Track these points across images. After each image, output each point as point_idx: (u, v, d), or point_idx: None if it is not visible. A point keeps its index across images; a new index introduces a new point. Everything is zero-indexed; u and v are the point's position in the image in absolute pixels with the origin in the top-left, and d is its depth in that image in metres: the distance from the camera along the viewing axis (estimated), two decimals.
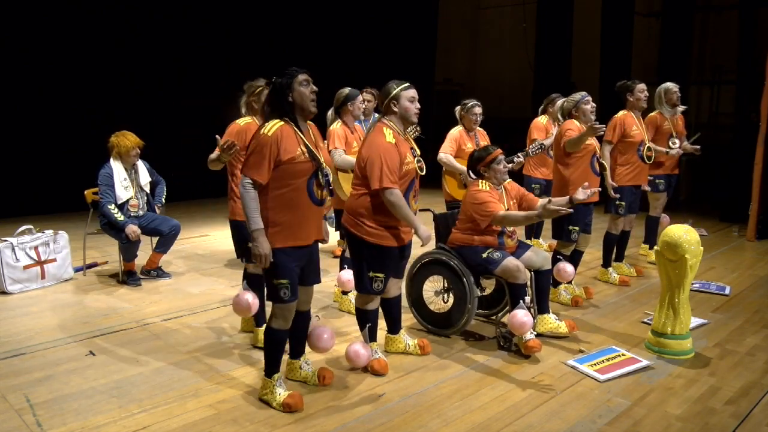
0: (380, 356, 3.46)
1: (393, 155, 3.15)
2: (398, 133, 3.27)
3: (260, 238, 2.74)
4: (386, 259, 3.30)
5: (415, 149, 3.38)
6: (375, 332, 3.50)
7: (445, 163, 4.92)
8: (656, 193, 5.62)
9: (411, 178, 3.29)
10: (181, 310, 4.48)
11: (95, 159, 5.13)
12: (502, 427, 2.85)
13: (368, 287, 3.31)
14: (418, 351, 3.64)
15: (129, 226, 4.85)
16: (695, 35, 10.73)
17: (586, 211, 4.50)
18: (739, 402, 3.13)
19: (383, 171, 3.10)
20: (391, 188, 3.12)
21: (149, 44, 8.67)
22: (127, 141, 4.99)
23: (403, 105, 3.25)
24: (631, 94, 4.99)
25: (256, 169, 2.74)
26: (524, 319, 3.52)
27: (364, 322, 3.45)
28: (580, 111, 4.44)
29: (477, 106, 4.92)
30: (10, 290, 4.80)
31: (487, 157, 3.83)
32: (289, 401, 2.94)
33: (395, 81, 3.30)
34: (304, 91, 2.82)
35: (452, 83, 13.46)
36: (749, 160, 7.15)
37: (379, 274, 3.29)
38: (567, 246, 4.58)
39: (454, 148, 4.89)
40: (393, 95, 3.25)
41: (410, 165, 3.26)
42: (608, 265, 5.27)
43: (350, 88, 4.44)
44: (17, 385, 3.23)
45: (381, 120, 3.32)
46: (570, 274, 4.42)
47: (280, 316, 2.94)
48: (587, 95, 4.52)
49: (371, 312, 3.44)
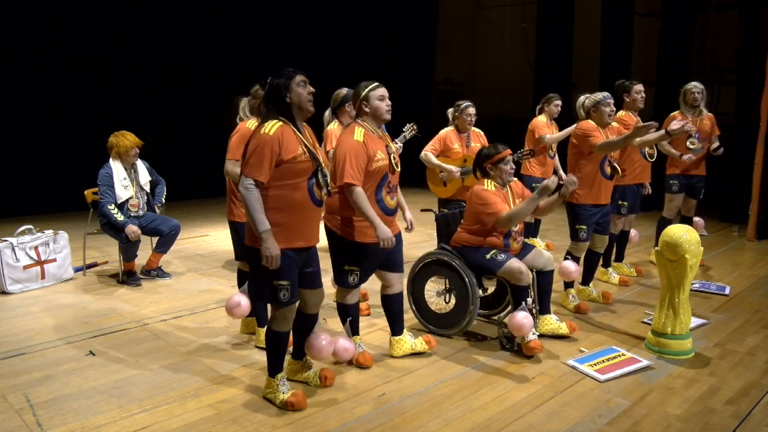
0: (364, 349, 3.53)
1: (359, 153, 3.18)
2: (371, 132, 3.30)
3: (269, 240, 2.72)
4: (360, 253, 3.33)
5: (390, 146, 3.38)
6: (357, 326, 3.57)
7: (424, 161, 4.90)
8: (670, 194, 5.54)
9: (383, 174, 3.30)
10: (181, 310, 4.48)
11: (95, 159, 5.13)
12: (502, 427, 2.85)
13: (344, 281, 3.39)
14: (425, 347, 3.64)
15: (129, 226, 4.85)
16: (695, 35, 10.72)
17: (596, 211, 4.42)
18: (739, 402, 3.13)
19: (346, 168, 3.15)
20: (353, 185, 3.15)
21: (149, 44, 8.68)
22: (126, 141, 4.99)
23: (373, 104, 3.28)
24: (627, 95, 4.95)
25: (257, 169, 2.73)
26: (523, 321, 3.52)
27: (345, 315, 3.52)
28: (599, 111, 4.33)
29: (470, 107, 4.90)
30: (10, 290, 4.80)
31: (495, 156, 3.80)
32: (292, 400, 2.94)
33: (364, 82, 3.32)
34: (302, 92, 2.83)
35: (452, 83, 13.46)
36: (749, 160, 7.15)
37: (354, 268, 3.36)
38: (579, 246, 4.51)
39: (437, 147, 4.87)
40: (362, 96, 3.29)
41: (381, 162, 3.27)
42: (608, 265, 5.25)
43: (347, 88, 4.44)
44: (17, 385, 3.23)
45: (355, 120, 3.37)
46: (573, 273, 4.39)
47: (281, 318, 2.94)
48: (609, 97, 4.37)
49: (351, 306, 3.51)
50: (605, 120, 4.35)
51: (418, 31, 12.25)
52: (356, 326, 3.57)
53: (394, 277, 3.53)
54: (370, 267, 3.43)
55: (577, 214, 4.42)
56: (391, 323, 3.65)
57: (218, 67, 9.10)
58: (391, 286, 3.55)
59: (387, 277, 3.53)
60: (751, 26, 9.41)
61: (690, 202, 5.67)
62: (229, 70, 8.85)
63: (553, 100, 6.00)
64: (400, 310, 3.63)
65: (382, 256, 3.38)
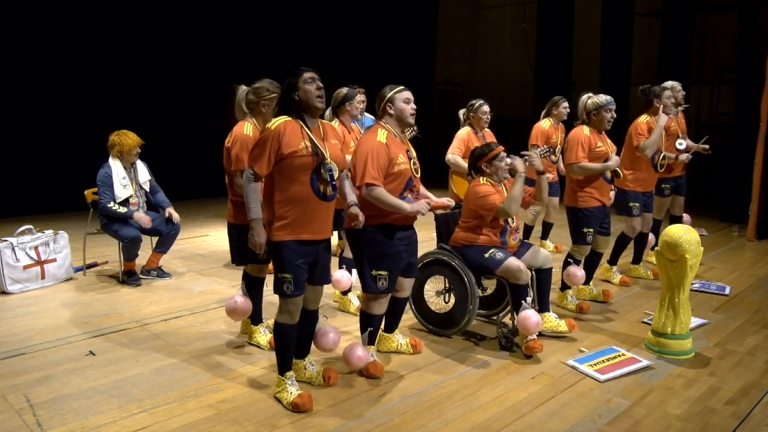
0: (376, 359, 3.45)
1: (381, 154, 3.17)
2: (393, 135, 3.29)
3: (257, 228, 2.84)
4: (386, 254, 3.28)
5: (411, 151, 3.38)
6: (375, 337, 3.50)
7: (452, 164, 4.92)
8: (662, 197, 5.53)
9: (406, 179, 3.29)
10: (181, 310, 4.48)
11: (95, 159, 5.12)
12: (502, 427, 2.85)
13: (372, 286, 3.29)
14: (410, 350, 3.64)
15: (136, 214, 4.86)
16: (695, 35, 10.73)
17: (599, 214, 4.43)
18: (739, 402, 3.13)
19: (366, 168, 3.14)
20: (373, 185, 3.14)
21: (149, 44, 8.67)
22: (128, 140, 4.99)
23: (399, 107, 3.27)
24: (658, 100, 4.88)
25: (257, 161, 2.83)
26: (535, 319, 3.54)
27: (367, 325, 3.43)
28: (600, 116, 4.31)
29: (484, 104, 4.91)
30: (10, 290, 4.80)
31: (489, 154, 3.84)
32: (298, 401, 2.94)
33: (390, 85, 3.33)
34: (310, 89, 2.88)
35: (452, 83, 13.47)
36: (749, 160, 7.15)
37: (383, 272, 3.28)
38: (581, 249, 4.51)
39: (462, 148, 4.89)
40: (388, 98, 3.29)
41: (403, 165, 3.26)
42: (614, 263, 5.22)
43: (348, 88, 4.44)
44: (17, 385, 3.23)
45: (378, 122, 3.36)
46: (580, 279, 4.40)
47: (285, 311, 2.96)
48: (612, 102, 4.34)
49: (376, 317, 3.41)
50: (604, 125, 4.35)
51: (418, 31, 12.25)
52: (374, 338, 3.49)
53: (407, 282, 3.53)
54: (396, 269, 3.34)
55: (583, 218, 4.41)
56: (386, 320, 3.64)
57: (218, 67, 9.10)
58: (403, 290, 3.54)
59: (401, 282, 3.48)
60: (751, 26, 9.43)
61: (679, 200, 5.69)
62: (229, 70, 8.83)
63: (561, 104, 5.86)
64: (401, 312, 3.65)
65: (406, 256, 3.36)
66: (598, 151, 4.33)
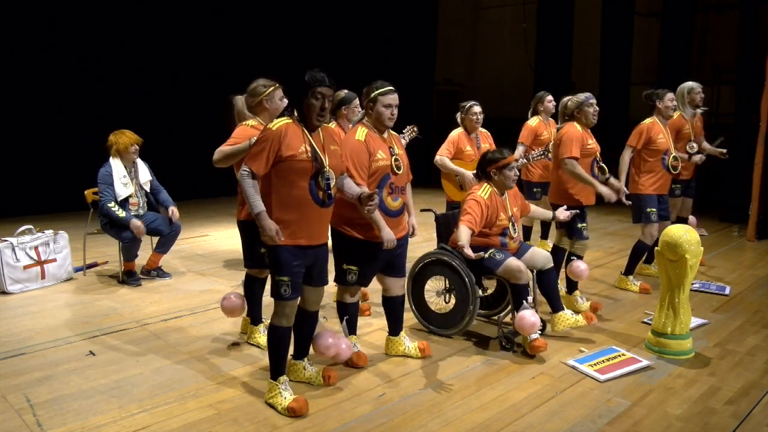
0: (359, 349, 3.52)
1: (360, 152, 3.21)
2: (373, 131, 3.31)
3: (264, 221, 2.79)
4: (360, 251, 3.33)
5: (393, 148, 3.37)
6: (354, 325, 3.56)
7: (440, 165, 4.89)
8: (671, 198, 5.44)
9: (383, 174, 3.30)
10: (181, 310, 4.48)
11: (95, 159, 5.13)
12: (502, 427, 2.85)
13: (343, 279, 3.40)
14: (419, 354, 3.63)
15: (133, 221, 4.85)
16: (695, 35, 10.73)
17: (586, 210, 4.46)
18: (739, 402, 3.13)
19: (349, 169, 3.18)
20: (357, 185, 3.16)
21: (149, 44, 8.68)
22: (125, 138, 5.00)
23: (378, 110, 3.28)
24: (660, 102, 4.87)
25: (255, 160, 2.80)
26: (533, 320, 3.53)
27: (342, 314, 3.52)
28: (583, 113, 4.38)
29: (475, 105, 4.87)
30: (10, 290, 4.80)
31: (501, 161, 3.79)
32: (294, 405, 2.92)
33: (380, 82, 3.31)
34: (315, 104, 2.84)
35: (452, 83, 13.47)
36: (749, 160, 7.15)
37: (353, 267, 3.36)
38: (584, 245, 4.49)
39: (450, 150, 4.87)
40: (372, 97, 3.29)
41: (382, 162, 3.27)
42: (630, 273, 5.09)
43: (347, 91, 4.41)
44: (17, 385, 3.23)
45: (361, 120, 3.39)
46: (584, 272, 4.38)
47: (281, 314, 2.95)
48: (592, 97, 4.44)
49: (349, 305, 3.50)
50: (590, 120, 4.40)
51: (418, 31, 12.26)
52: (353, 326, 3.56)
53: (391, 281, 3.53)
54: (370, 267, 3.42)
55: (582, 213, 4.42)
56: (389, 323, 3.66)
57: (218, 67, 9.10)
58: (389, 290, 3.56)
59: (385, 281, 3.54)
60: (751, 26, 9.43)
61: (687, 201, 5.69)
62: (229, 70, 8.84)
63: (545, 98, 5.79)
64: (400, 312, 3.64)
65: (383, 257, 3.37)
66: (588, 149, 4.39)
